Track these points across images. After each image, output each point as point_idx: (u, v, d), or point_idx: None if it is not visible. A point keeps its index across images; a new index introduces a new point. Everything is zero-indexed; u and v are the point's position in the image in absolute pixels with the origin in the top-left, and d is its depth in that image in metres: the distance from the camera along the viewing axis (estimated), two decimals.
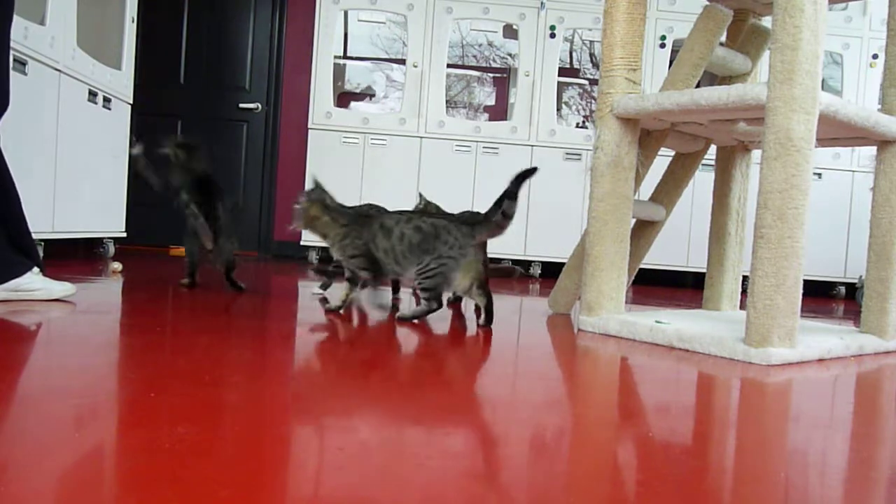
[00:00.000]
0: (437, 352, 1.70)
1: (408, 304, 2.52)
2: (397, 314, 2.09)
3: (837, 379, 1.73)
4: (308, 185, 2.25)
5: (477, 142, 4.43)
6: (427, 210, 2.54)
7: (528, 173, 1.94)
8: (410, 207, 2.52)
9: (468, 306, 2.48)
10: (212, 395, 1.15)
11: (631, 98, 2.08)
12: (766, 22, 2.47)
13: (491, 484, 0.85)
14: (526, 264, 4.48)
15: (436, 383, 1.39)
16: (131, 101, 3.93)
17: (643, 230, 2.55)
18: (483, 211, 2.01)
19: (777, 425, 1.27)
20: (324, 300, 2.40)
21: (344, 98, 5.08)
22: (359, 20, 4.94)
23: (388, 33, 4.98)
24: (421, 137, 4.43)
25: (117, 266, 3.12)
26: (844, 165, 4.44)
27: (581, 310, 2.20)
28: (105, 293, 2.48)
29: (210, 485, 0.77)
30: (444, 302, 2.16)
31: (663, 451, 1.02)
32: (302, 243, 4.36)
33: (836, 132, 2.02)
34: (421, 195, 2.78)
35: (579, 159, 4.42)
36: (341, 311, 2.16)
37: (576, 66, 5.16)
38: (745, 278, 2.10)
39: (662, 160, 2.50)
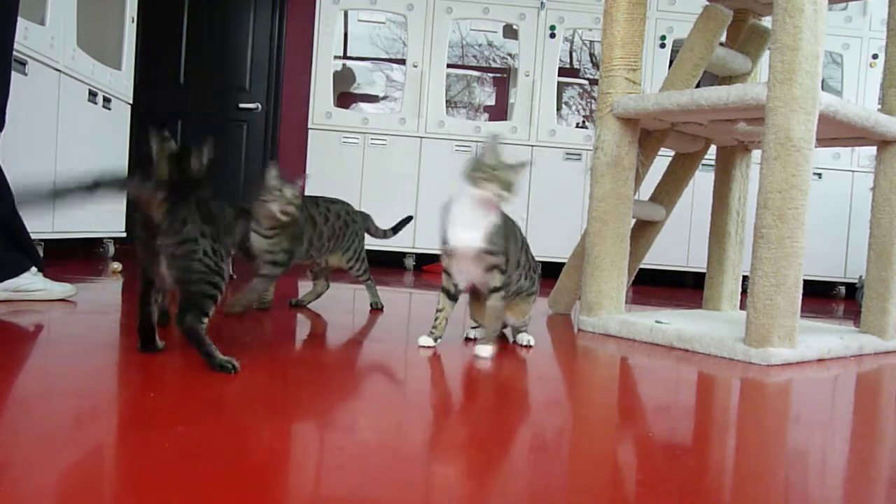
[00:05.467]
0: (433, 351, 1.70)
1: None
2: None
3: (837, 379, 1.73)
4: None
5: (477, 142, 4.42)
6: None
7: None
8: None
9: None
10: (212, 395, 1.15)
11: (631, 98, 2.08)
12: (766, 22, 2.47)
13: (491, 483, 0.85)
14: None
15: (435, 383, 1.39)
16: (131, 101, 3.93)
17: (643, 230, 2.55)
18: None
19: (777, 425, 1.27)
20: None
21: (344, 98, 5.08)
22: (359, 20, 4.93)
23: (388, 33, 4.97)
24: (421, 137, 4.43)
25: (117, 266, 3.12)
26: (844, 165, 4.43)
27: (581, 310, 2.20)
28: (105, 293, 2.48)
29: (210, 485, 0.77)
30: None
31: (663, 451, 1.02)
32: None
33: (836, 132, 2.02)
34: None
35: (579, 159, 4.42)
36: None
37: (576, 66, 5.16)
38: (745, 278, 2.10)
39: (662, 160, 2.50)
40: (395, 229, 2.42)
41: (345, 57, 5.10)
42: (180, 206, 1.24)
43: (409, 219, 2.47)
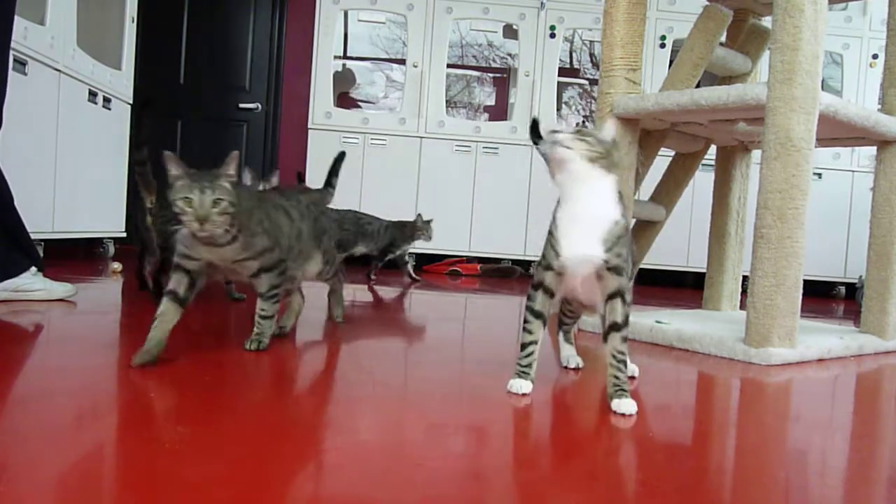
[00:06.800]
0: (433, 351, 1.70)
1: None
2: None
3: (837, 379, 1.73)
4: None
5: (477, 142, 4.43)
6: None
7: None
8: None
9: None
10: (212, 395, 1.15)
11: (631, 98, 2.08)
12: (766, 22, 2.47)
13: (490, 483, 0.85)
14: (526, 264, 4.48)
15: (436, 383, 1.39)
16: (131, 101, 3.93)
17: (643, 230, 2.54)
18: None
19: (777, 425, 1.27)
20: None
21: (344, 98, 5.08)
22: (359, 20, 4.93)
23: (388, 33, 4.97)
24: (421, 137, 4.43)
25: (117, 266, 3.12)
26: (844, 165, 4.43)
27: None
28: (105, 293, 2.48)
29: (210, 485, 0.77)
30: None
31: (663, 451, 1.02)
32: None
33: (836, 132, 2.02)
34: None
35: None
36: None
37: (576, 66, 5.16)
38: (745, 278, 2.10)
39: (662, 160, 2.50)
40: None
41: (345, 57, 5.10)
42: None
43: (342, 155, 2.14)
